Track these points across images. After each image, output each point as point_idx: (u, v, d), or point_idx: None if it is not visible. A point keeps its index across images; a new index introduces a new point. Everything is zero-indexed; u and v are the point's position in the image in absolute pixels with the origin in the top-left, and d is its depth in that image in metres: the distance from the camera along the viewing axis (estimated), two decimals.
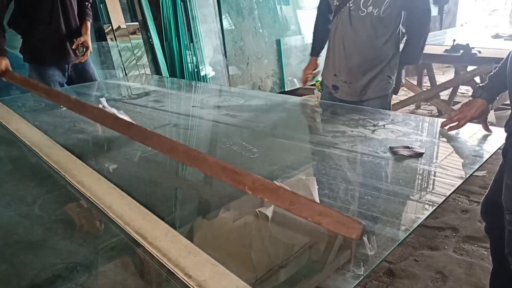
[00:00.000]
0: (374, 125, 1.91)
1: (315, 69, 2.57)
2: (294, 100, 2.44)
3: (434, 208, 1.20)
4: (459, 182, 1.35)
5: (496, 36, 4.98)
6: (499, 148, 1.60)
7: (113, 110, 1.84)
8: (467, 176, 1.39)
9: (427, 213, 1.16)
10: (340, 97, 2.36)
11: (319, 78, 2.54)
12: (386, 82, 2.28)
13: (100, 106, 1.80)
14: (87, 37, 2.94)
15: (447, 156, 1.62)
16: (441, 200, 1.23)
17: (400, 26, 2.28)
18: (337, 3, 2.24)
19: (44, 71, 2.86)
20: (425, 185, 1.38)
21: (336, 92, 2.36)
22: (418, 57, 2.35)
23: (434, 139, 1.79)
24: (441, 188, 1.34)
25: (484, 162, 1.53)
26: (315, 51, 2.59)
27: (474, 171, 1.44)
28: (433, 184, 1.39)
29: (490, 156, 1.58)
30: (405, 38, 2.35)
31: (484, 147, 1.67)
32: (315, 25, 2.56)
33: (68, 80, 3.00)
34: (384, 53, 2.25)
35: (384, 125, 1.92)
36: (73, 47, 2.89)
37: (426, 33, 2.30)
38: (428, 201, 1.26)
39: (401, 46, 2.35)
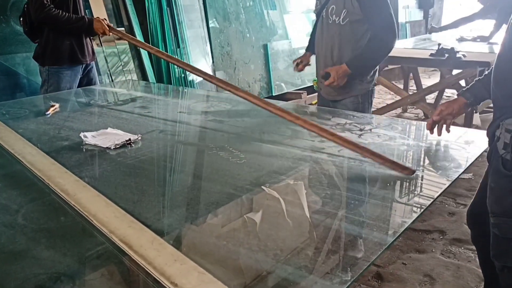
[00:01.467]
0: (361, 129, 1.92)
1: (305, 62, 2.79)
2: (282, 105, 2.43)
3: (421, 211, 1.20)
4: (446, 185, 1.35)
5: (461, 39, 5.05)
6: (485, 151, 1.61)
7: (96, 136, 1.83)
8: (454, 179, 1.40)
9: (414, 217, 1.17)
10: (323, 95, 2.58)
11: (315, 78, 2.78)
12: (359, 83, 2.44)
13: (82, 136, 1.80)
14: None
15: (433, 159, 1.63)
16: (428, 203, 1.24)
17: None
18: (316, 12, 2.49)
19: (62, 73, 2.93)
20: (412, 189, 1.38)
21: (321, 90, 2.59)
22: (352, 60, 2.35)
23: (420, 143, 1.80)
24: (428, 191, 1.34)
25: (469, 165, 1.54)
26: (309, 47, 2.80)
27: (460, 174, 1.45)
28: (420, 187, 1.40)
29: (476, 159, 1.59)
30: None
31: (469, 150, 1.68)
32: (313, 26, 2.77)
33: (78, 82, 3.10)
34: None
35: (370, 129, 1.92)
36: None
37: (382, 50, 2.33)
38: (415, 205, 1.27)
39: None
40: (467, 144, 1.76)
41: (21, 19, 2.97)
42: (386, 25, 2.29)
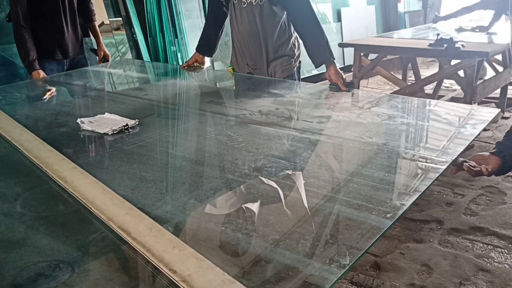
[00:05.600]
0: (360, 108, 1.90)
1: (196, 62, 2.74)
2: (280, 85, 2.41)
3: (420, 194, 1.18)
4: (444, 166, 1.34)
5: (460, 30, 5.05)
6: (484, 130, 1.57)
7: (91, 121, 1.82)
8: (452, 160, 1.38)
9: (413, 199, 1.15)
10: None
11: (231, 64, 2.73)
12: (288, 63, 2.45)
13: (79, 121, 1.79)
14: (104, 48, 3.25)
15: (433, 139, 1.61)
16: (426, 186, 1.23)
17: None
18: (223, 0, 2.41)
19: (44, 64, 2.88)
20: (411, 171, 1.37)
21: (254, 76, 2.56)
22: (325, 54, 2.25)
23: (419, 122, 1.78)
24: (426, 173, 1.33)
25: (469, 144, 1.51)
26: (199, 49, 2.73)
27: (459, 154, 1.43)
28: (419, 169, 1.38)
29: (475, 138, 1.56)
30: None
31: (469, 129, 1.66)
32: (204, 26, 2.72)
33: None
34: (276, 37, 2.39)
35: (369, 108, 1.90)
36: (98, 63, 3.14)
37: (315, 30, 2.26)
38: (414, 186, 1.25)
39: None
40: (466, 123, 1.74)
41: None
42: (303, 3, 2.27)
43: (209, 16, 2.66)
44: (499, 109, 1.73)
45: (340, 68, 2.22)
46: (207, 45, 2.69)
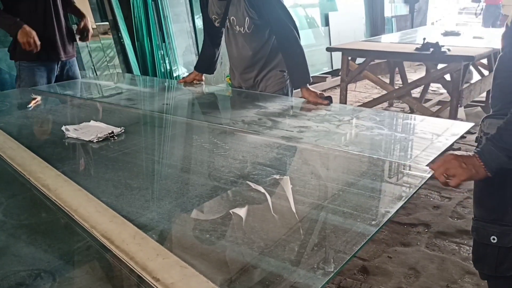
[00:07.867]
0: (339, 120, 1.92)
1: (195, 80, 2.79)
2: (266, 98, 2.43)
3: (402, 203, 1.19)
4: (425, 175, 1.36)
5: (446, 34, 5.13)
6: (470, 132, 1.60)
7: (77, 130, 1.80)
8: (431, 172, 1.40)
9: (398, 206, 1.16)
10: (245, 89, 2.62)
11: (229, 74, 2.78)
12: (281, 76, 2.51)
13: (63, 129, 1.77)
14: (87, 22, 3.05)
15: (406, 149, 1.63)
16: (411, 193, 1.24)
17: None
18: (218, 24, 2.48)
19: (33, 69, 2.84)
20: (394, 179, 1.38)
21: (244, 88, 2.62)
22: (303, 78, 2.33)
23: (396, 133, 1.81)
24: (409, 182, 1.35)
25: (439, 155, 1.53)
26: (199, 68, 2.78)
27: (429, 164, 1.45)
28: (401, 178, 1.40)
29: (447, 148, 1.58)
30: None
31: (446, 139, 1.68)
32: (202, 45, 2.77)
33: (55, 80, 3.00)
34: (268, 57, 2.47)
35: (349, 120, 1.93)
36: (76, 33, 3.02)
37: (296, 54, 2.33)
38: (396, 195, 1.26)
39: None
40: (444, 134, 1.76)
41: None
42: (285, 27, 2.32)
43: (206, 37, 2.70)
44: (473, 123, 1.75)
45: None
46: (207, 64, 2.74)
